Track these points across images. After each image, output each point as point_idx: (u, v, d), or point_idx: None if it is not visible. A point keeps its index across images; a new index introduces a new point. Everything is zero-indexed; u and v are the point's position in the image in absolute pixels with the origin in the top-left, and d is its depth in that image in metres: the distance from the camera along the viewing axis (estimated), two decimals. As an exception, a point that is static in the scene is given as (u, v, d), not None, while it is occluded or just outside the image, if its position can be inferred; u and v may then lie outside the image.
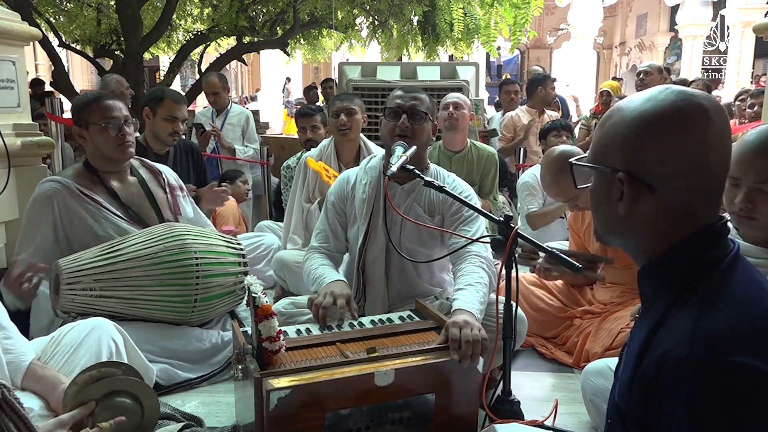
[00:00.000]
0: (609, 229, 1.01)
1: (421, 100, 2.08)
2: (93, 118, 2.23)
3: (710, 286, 0.88)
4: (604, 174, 0.96)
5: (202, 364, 2.21)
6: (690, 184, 0.90)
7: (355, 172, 2.24)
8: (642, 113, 0.92)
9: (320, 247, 2.18)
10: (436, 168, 2.18)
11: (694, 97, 0.90)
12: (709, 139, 0.89)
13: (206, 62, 7.49)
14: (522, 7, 5.82)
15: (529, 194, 3.70)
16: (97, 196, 2.25)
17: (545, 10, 13.47)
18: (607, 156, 0.96)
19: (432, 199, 2.11)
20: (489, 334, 1.75)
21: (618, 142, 0.94)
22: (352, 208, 2.18)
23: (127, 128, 2.27)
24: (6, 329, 1.57)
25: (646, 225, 0.94)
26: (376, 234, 2.11)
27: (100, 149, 2.25)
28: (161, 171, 2.50)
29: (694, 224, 0.91)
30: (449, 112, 3.33)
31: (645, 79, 4.52)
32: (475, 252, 1.96)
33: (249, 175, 4.48)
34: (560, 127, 3.72)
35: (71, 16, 6.51)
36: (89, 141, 2.25)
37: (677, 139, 0.89)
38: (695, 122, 0.89)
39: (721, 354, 0.79)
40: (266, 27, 6.82)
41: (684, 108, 0.89)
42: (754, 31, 3.08)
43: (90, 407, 1.39)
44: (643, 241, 0.96)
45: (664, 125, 0.90)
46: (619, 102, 1.00)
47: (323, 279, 1.98)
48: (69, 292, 2.02)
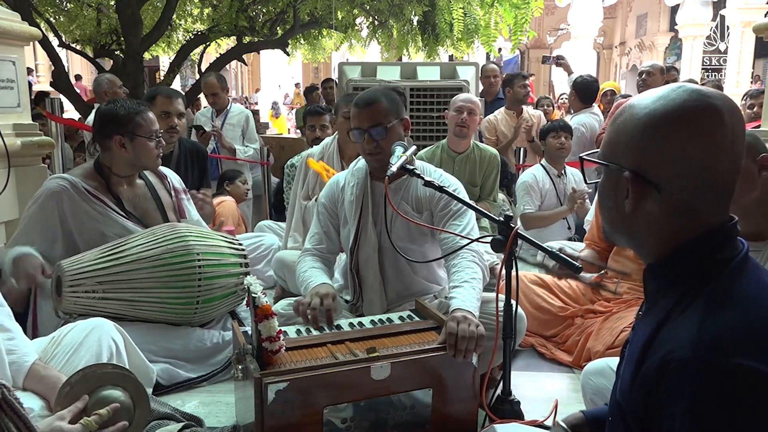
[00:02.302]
0: (615, 227, 1.00)
1: (378, 110, 2.00)
2: (140, 131, 2.25)
3: (717, 287, 0.87)
4: (611, 171, 0.96)
5: (202, 364, 2.21)
6: (697, 185, 0.89)
7: (344, 174, 2.25)
8: (652, 111, 0.90)
9: (313, 250, 2.19)
10: (422, 164, 2.16)
11: (707, 96, 0.88)
12: (718, 139, 0.87)
13: (206, 62, 7.49)
14: (522, 7, 5.82)
15: (526, 194, 3.70)
16: (105, 198, 2.26)
17: (545, 10, 13.46)
18: (616, 153, 0.95)
19: (419, 196, 2.11)
20: (488, 332, 1.75)
21: (626, 140, 0.93)
22: (342, 210, 2.19)
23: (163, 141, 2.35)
24: (10, 330, 1.58)
25: (652, 224, 0.93)
26: (367, 234, 2.11)
27: (139, 159, 2.28)
28: (166, 175, 2.51)
29: (701, 225, 0.91)
30: (462, 118, 3.24)
31: (648, 80, 4.51)
32: (466, 246, 1.97)
33: (249, 175, 4.48)
34: (559, 128, 3.71)
35: (71, 16, 6.51)
36: (130, 150, 2.25)
37: (686, 139, 0.88)
38: (705, 122, 0.87)
39: (726, 356, 0.78)
40: (266, 27, 6.82)
41: (694, 107, 0.88)
42: (754, 31, 3.09)
43: (84, 401, 1.41)
44: (649, 240, 0.95)
45: (672, 125, 0.88)
46: (631, 99, 0.98)
47: (309, 283, 2.01)
48: (71, 294, 2.02)
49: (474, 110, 3.28)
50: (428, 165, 2.19)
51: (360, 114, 2.03)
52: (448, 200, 2.04)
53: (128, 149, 2.25)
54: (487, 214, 1.96)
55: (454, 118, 3.28)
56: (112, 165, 2.29)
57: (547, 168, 3.76)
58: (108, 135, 2.24)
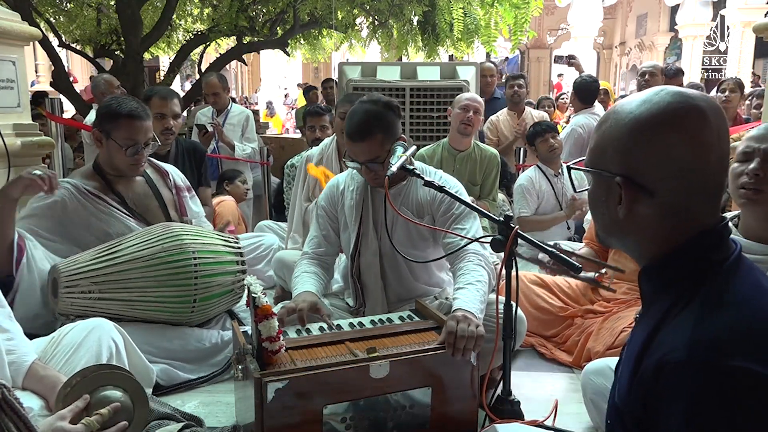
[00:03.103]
0: (609, 232, 1.00)
1: (373, 145, 1.92)
2: (116, 135, 2.21)
3: (712, 288, 0.87)
4: (602, 178, 0.96)
5: (202, 365, 2.21)
6: (688, 186, 0.89)
7: (343, 177, 2.23)
8: (637, 116, 0.91)
9: (312, 253, 2.18)
10: (422, 166, 2.13)
11: (690, 98, 0.89)
12: (706, 139, 0.88)
13: (206, 62, 7.49)
14: (522, 7, 5.82)
15: (522, 198, 3.71)
16: (105, 197, 2.26)
17: (545, 10, 13.48)
18: (604, 159, 0.95)
19: (420, 201, 2.08)
20: (489, 334, 1.75)
21: (615, 145, 0.93)
22: (342, 214, 2.17)
23: (145, 151, 2.28)
24: (9, 331, 1.58)
25: (646, 228, 0.93)
26: (368, 239, 2.10)
27: (111, 160, 2.27)
28: (168, 172, 2.50)
29: (694, 226, 0.91)
30: (468, 117, 3.26)
31: (650, 81, 4.50)
32: (473, 250, 1.96)
33: (249, 175, 4.48)
34: (543, 131, 3.72)
35: (71, 16, 6.50)
36: (105, 148, 2.25)
37: (673, 141, 0.88)
38: (691, 123, 0.88)
39: (721, 357, 0.79)
40: (266, 27, 6.81)
41: (679, 109, 0.88)
42: (754, 31, 3.08)
43: (85, 400, 1.41)
44: (644, 244, 0.96)
45: (659, 127, 0.89)
46: (615, 104, 0.99)
47: (295, 290, 2.02)
48: (68, 295, 2.02)
49: (479, 109, 3.31)
50: (428, 167, 2.17)
51: (354, 148, 1.97)
52: (450, 204, 2.02)
53: (103, 145, 2.25)
54: (487, 214, 1.96)
55: (459, 116, 3.28)
56: (101, 160, 2.30)
57: (543, 169, 3.76)
58: (94, 126, 2.27)
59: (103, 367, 1.53)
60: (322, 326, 1.86)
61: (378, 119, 1.94)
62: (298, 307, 1.86)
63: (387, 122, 1.96)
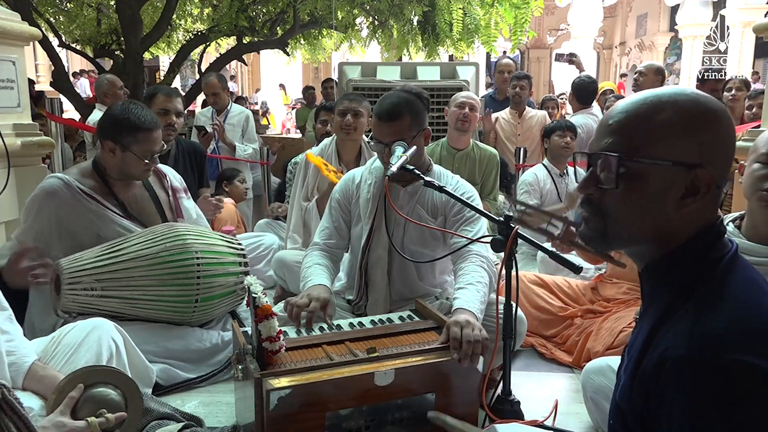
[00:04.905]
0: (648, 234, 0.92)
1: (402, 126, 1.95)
2: (136, 148, 2.19)
3: (709, 285, 0.88)
4: (664, 170, 0.87)
5: (202, 364, 2.21)
6: (721, 178, 0.90)
7: (360, 171, 2.24)
8: (694, 100, 0.89)
9: (322, 245, 2.17)
10: (440, 169, 2.16)
11: (712, 99, 0.91)
12: (734, 136, 0.91)
13: (206, 62, 7.49)
14: (522, 7, 5.82)
15: (525, 192, 3.71)
16: (100, 198, 2.24)
17: (545, 10, 13.45)
18: (665, 150, 0.87)
19: (435, 201, 2.10)
20: (489, 334, 1.75)
21: (674, 132, 0.87)
22: (356, 207, 2.18)
23: (157, 158, 2.29)
24: (9, 333, 1.58)
25: (689, 222, 0.90)
26: (380, 234, 2.10)
27: (125, 169, 2.24)
28: (166, 174, 2.50)
29: (697, 224, 0.91)
30: (464, 113, 3.28)
31: (639, 80, 4.49)
32: (476, 251, 1.96)
33: (249, 175, 4.48)
34: (565, 127, 3.72)
35: (71, 16, 6.50)
36: (118, 158, 2.21)
37: (724, 132, 0.89)
38: (728, 119, 0.90)
39: (721, 351, 0.79)
40: (266, 27, 6.81)
41: (716, 106, 0.90)
42: (754, 31, 3.08)
43: (80, 390, 1.41)
44: (656, 243, 0.93)
45: (713, 115, 0.89)
46: (658, 94, 0.91)
47: (308, 281, 1.98)
48: (70, 291, 2.02)
49: (475, 107, 3.33)
50: (446, 171, 2.18)
51: (381, 126, 1.99)
52: (462, 206, 2.03)
53: (117, 156, 2.21)
54: (487, 214, 1.96)
55: (455, 114, 3.31)
56: (106, 166, 2.28)
57: (549, 167, 3.76)
58: (104, 136, 2.22)
59: (93, 366, 1.55)
60: (322, 326, 1.86)
61: (408, 103, 2.01)
62: (310, 307, 1.83)
63: (417, 108, 2.03)
